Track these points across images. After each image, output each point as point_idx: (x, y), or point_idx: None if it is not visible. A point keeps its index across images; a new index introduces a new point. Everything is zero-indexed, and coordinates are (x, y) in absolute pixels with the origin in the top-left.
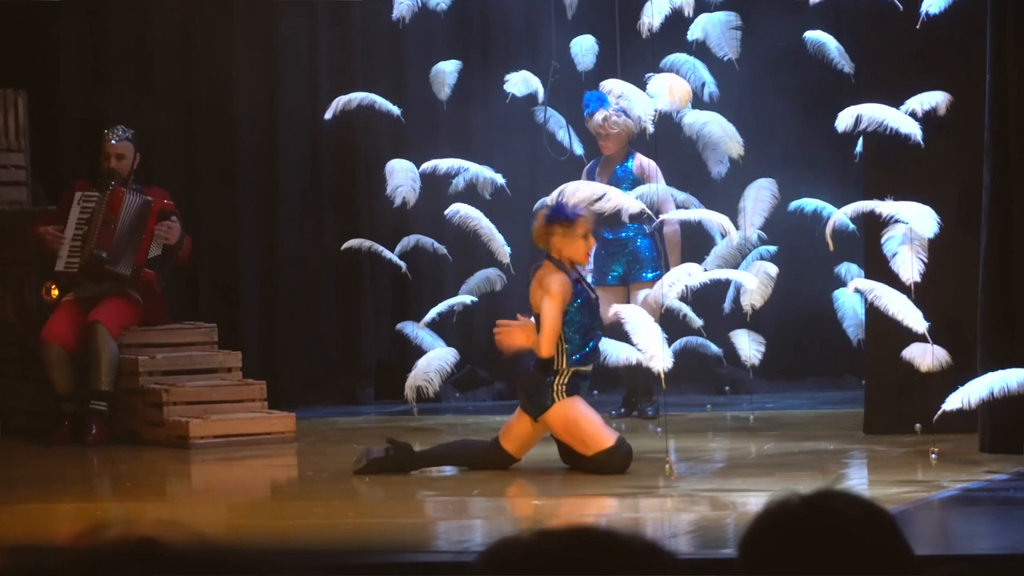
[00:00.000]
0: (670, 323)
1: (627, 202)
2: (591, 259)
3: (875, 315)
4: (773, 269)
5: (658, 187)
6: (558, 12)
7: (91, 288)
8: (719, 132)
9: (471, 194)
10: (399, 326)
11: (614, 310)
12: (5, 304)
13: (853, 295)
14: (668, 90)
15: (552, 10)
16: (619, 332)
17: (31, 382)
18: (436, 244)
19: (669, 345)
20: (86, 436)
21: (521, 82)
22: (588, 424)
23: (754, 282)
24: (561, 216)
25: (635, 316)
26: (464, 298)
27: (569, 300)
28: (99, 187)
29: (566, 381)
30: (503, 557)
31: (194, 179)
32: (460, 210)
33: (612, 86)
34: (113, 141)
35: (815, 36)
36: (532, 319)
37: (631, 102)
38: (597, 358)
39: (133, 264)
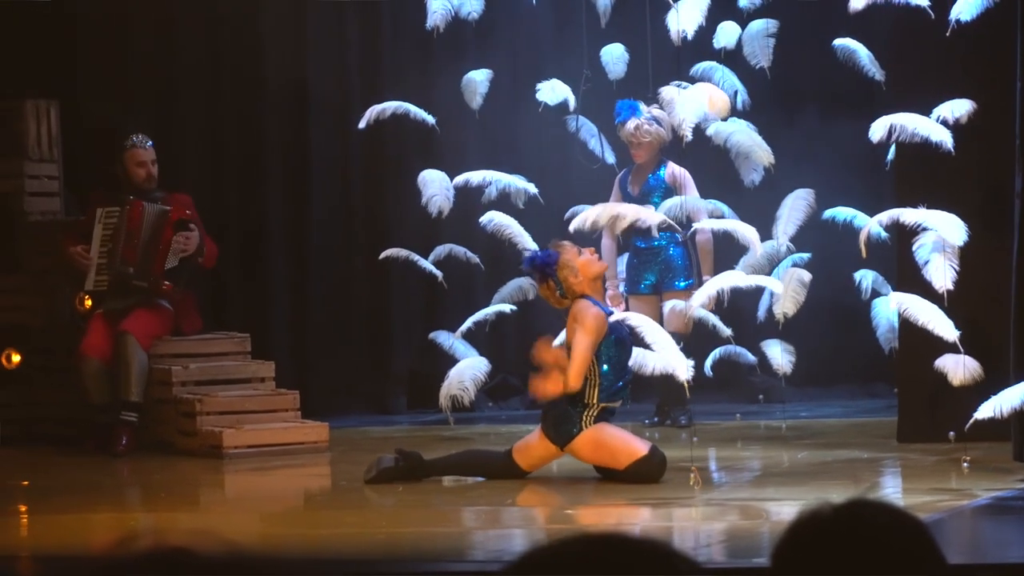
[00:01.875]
0: (700, 333)
1: (645, 215)
2: (623, 266)
3: (908, 323)
4: (807, 276)
5: (686, 198)
6: (590, 20)
7: (119, 301)
8: (747, 141)
9: (503, 203)
10: (432, 335)
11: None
12: (37, 312)
13: (888, 303)
14: (708, 100)
15: (583, 18)
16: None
17: (57, 389)
18: (469, 253)
19: (707, 355)
20: (115, 447)
21: (551, 90)
22: (616, 440)
23: (783, 288)
24: (545, 266)
25: (647, 326)
26: (503, 307)
27: (603, 335)
28: (119, 201)
29: (594, 414)
30: (533, 563)
31: (222, 187)
32: (494, 219)
33: (670, 94)
34: (141, 147)
35: (845, 43)
36: (565, 352)
37: (679, 109)
38: (627, 395)
39: (150, 275)
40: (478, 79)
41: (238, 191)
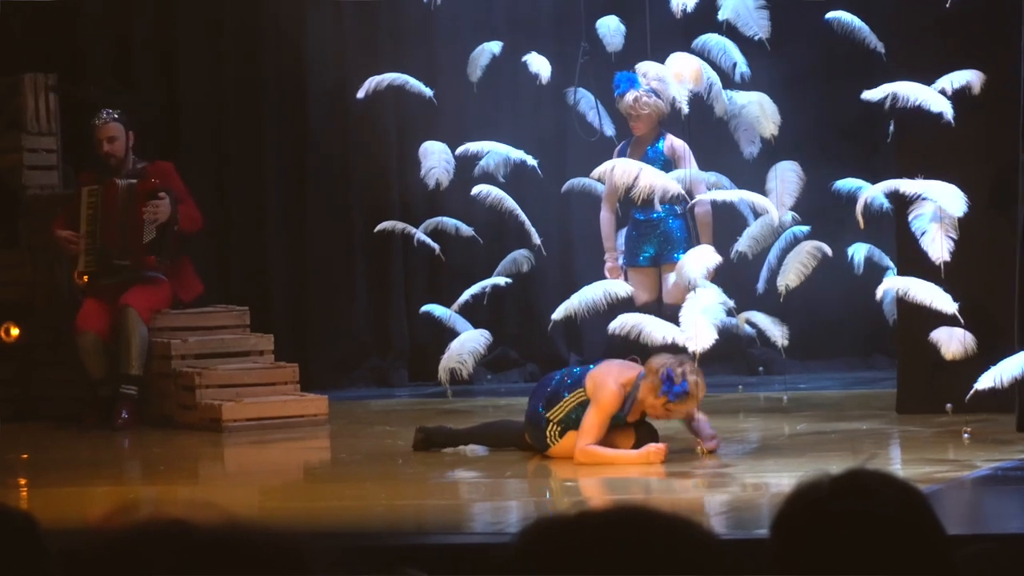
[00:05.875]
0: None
1: (662, 181)
2: (623, 240)
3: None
4: (826, 248)
5: (689, 170)
6: None
7: (110, 279)
8: (757, 112)
9: (497, 175)
10: (424, 308)
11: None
12: (37, 288)
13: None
14: (675, 76)
15: None
16: (652, 310)
17: (60, 367)
18: (461, 225)
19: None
20: (115, 420)
21: (536, 62)
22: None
23: (792, 260)
24: (675, 396)
25: (686, 296)
26: (498, 279)
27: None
28: (99, 180)
29: (558, 426)
30: (543, 535)
31: (223, 161)
32: (492, 192)
33: (647, 68)
34: (100, 123)
35: (838, 15)
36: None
37: (667, 84)
38: None
39: (131, 251)
40: (494, 50)
41: (238, 164)
